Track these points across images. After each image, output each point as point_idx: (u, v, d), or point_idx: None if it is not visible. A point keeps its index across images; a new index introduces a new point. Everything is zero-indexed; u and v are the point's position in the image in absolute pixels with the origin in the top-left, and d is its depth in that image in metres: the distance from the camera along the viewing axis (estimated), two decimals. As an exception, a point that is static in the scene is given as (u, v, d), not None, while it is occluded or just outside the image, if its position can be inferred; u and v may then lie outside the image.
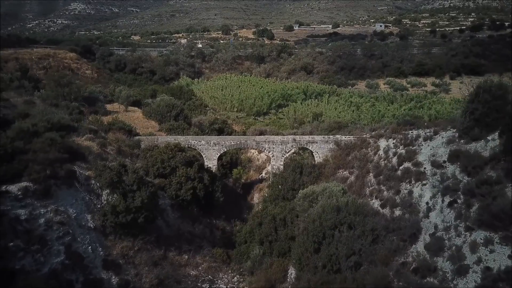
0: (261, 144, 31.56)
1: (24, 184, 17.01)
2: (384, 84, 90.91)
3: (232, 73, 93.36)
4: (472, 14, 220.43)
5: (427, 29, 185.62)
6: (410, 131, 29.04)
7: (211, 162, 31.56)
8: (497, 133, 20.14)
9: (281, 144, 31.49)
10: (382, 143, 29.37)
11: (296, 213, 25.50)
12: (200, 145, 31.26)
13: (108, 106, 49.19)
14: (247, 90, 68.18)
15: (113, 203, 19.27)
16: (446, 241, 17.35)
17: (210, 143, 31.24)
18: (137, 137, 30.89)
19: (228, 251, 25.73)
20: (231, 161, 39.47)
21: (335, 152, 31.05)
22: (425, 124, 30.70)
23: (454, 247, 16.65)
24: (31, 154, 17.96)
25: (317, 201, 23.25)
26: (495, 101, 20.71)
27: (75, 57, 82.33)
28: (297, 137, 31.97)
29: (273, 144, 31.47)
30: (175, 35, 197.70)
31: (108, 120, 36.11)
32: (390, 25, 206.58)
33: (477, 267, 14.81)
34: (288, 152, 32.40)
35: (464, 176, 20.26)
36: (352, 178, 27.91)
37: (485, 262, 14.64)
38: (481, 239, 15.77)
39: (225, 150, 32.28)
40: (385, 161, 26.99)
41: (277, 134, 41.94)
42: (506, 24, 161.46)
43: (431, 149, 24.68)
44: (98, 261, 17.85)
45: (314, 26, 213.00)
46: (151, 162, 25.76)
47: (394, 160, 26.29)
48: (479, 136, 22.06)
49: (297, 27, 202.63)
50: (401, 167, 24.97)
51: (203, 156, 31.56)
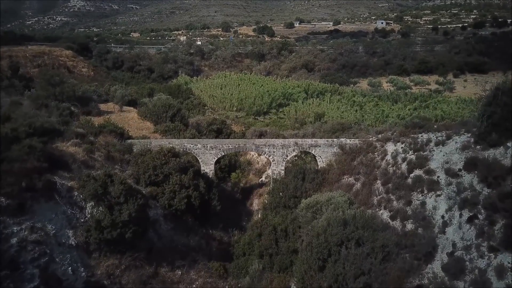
0: (261, 148, 29.76)
1: (-5, 199, 15.24)
2: (387, 83, 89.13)
3: (232, 71, 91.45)
4: (474, 11, 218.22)
5: (429, 26, 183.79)
6: (420, 135, 27.23)
7: (208, 167, 29.75)
8: (520, 140, 18.34)
9: (282, 148, 29.69)
10: (390, 148, 27.56)
11: (299, 224, 23.72)
12: (196, 149, 29.45)
13: (103, 106, 47.36)
14: (247, 89, 66.25)
15: (98, 218, 17.48)
16: (467, 263, 15.58)
17: (207, 147, 29.42)
18: (129, 141, 29.06)
19: (226, 264, 23.94)
20: (230, 164, 37.66)
21: (340, 157, 29.23)
22: (435, 127, 28.91)
23: (477, 270, 14.89)
24: (5, 164, 16.14)
25: (321, 212, 21.45)
26: (517, 105, 18.91)
27: (71, 55, 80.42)
28: (299, 141, 30.15)
29: (274, 148, 29.66)
30: (175, 32, 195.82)
31: (100, 122, 34.36)
32: (392, 22, 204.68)
33: (507, 298, 13.01)
34: (290, 156, 30.59)
35: (484, 187, 18.47)
36: (358, 186, 26.10)
37: (517, 292, 12.87)
38: (509, 263, 13.99)
39: (223, 154, 30.46)
40: (394, 168, 25.18)
41: (278, 136, 40.19)
42: (509, 21, 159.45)
43: (444, 156, 22.88)
44: (80, 283, 16.07)
45: (315, 23, 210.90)
46: (143, 169, 23.95)
47: (404, 167, 24.49)
48: (498, 142, 20.27)
49: (298, 24, 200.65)
50: (412, 175, 23.17)
51: (200, 161, 29.75)
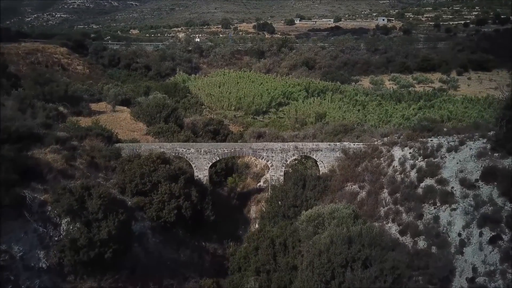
0: (259, 152, 27.79)
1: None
2: (389, 81, 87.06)
3: (231, 69, 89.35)
4: (476, 8, 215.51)
5: (431, 23, 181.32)
6: (429, 139, 25.28)
7: (202, 173, 27.81)
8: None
9: (281, 152, 27.73)
10: (397, 153, 25.60)
11: (299, 237, 21.78)
12: (189, 154, 27.50)
13: (95, 106, 45.33)
14: (246, 87, 64.23)
15: (73, 236, 15.55)
16: (492, 292, 13.68)
17: (201, 151, 27.46)
18: (118, 145, 27.10)
19: (219, 281, 22.07)
20: (226, 167, 35.68)
21: (343, 162, 27.27)
22: (445, 130, 26.95)
23: (504, 302, 12.99)
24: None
25: (324, 227, 19.53)
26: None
27: (66, 52, 78.33)
28: (299, 145, 28.19)
29: (272, 152, 27.71)
30: (174, 29, 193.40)
31: (90, 123, 32.44)
32: (393, 19, 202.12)
33: None
34: (289, 161, 28.64)
35: (506, 202, 16.55)
36: (363, 194, 24.14)
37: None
38: (543, 296, 12.07)
39: (218, 159, 28.49)
40: (402, 175, 23.23)
41: (277, 138, 38.27)
42: (511, 18, 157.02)
43: (458, 163, 20.94)
44: (50, 313, 14.19)
45: (316, 20, 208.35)
46: (129, 177, 21.99)
47: (413, 175, 22.54)
48: (519, 150, 18.31)
49: (298, 21, 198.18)
50: (422, 184, 21.25)
51: (193, 166, 27.81)
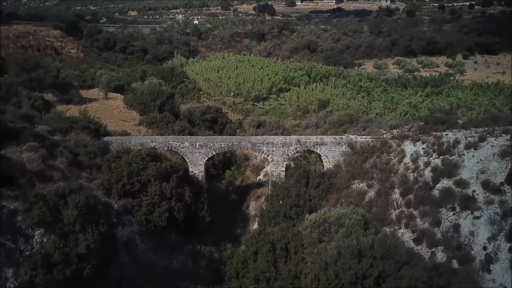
0: (258, 147, 25.73)
1: None
2: (393, 65, 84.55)
3: (230, 52, 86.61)
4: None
5: (435, 5, 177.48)
6: (444, 133, 23.17)
7: (197, 168, 25.81)
8: None
9: (283, 147, 25.67)
10: (408, 148, 23.54)
11: (302, 241, 19.90)
12: (183, 148, 25.46)
13: (87, 93, 43.14)
14: (245, 72, 61.76)
15: (46, 251, 13.62)
16: (529, 323, 11.79)
17: (195, 145, 25.42)
18: (106, 139, 25.05)
19: (215, 288, 20.28)
20: (224, 159, 33.67)
21: (349, 157, 25.22)
22: (460, 123, 24.86)
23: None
24: None
25: (330, 234, 17.61)
26: None
27: (59, 35, 75.67)
28: (302, 138, 26.10)
29: (273, 146, 25.66)
30: (173, 11, 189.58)
31: (78, 112, 30.33)
32: (396, 0, 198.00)
33: None
34: (291, 155, 26.60)
35: (539, 212, 14.59)
36: (372, 194, 22.16)
37: None
38: None
39: (214, 154, 26.43)
40: (415, 174, 21.20)
41: (278, 127, 36.17)
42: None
43: (479, 163, 18.90)
44: None
45: (317, 1, 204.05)
46: (116, 177, 19.99)
47: (427, 174, 20.51)
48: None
49: (300, 2, 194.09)
50: (439, 186, 19.24)
51: (187, 161, 25.80)
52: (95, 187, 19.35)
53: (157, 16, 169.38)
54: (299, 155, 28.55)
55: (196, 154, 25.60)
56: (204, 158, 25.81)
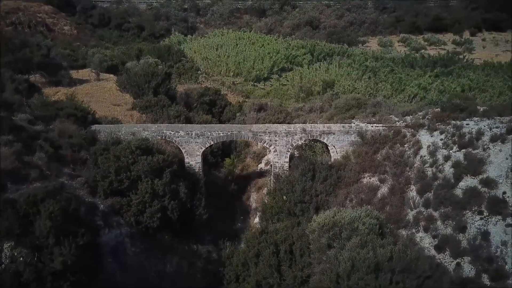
0: (260, 136, 23.65)
1: None
2: (399, 42, 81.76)
3: (230, 28, 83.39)
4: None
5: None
6: (465, 122, 21.09)
7: (193, 159, 23.81)
8: None
9: (287, 136, 23.60)
10: (424, 138, 21.49)
11: (308, 243, 18.06)
12: (178, 137, 23.38)
13: (78, 74, 40.73)
14: (246, 50, 59.07)
15: (16, 268, 11.72)
16: None
17: (191, 135, 23.33)
18: (94, 127, 22.98)
19: (213, 293, 18.54)
20: (223, 146, 31.63)
21: (359, 148, 23.17)
22: (481, 110, 22.74)
23: None
24: None
25: (341, 239, 15.71)
26: None
27: (51, 11, 72.27)
28: (308, 127, 23.98)
29: (276, 136, 23.58)
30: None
31: (65, 97, 28.20)
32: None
33: None
34: (296, 145, 24.56)
35: None
36: (385, 190, 20.20)
37: None
38: None
39: (212, 144, 24.36)
40: (433, 169, 19.18)
41: (280, 112, 33.95)
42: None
43: (508, 159, 16.87)
44: None
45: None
46: (102, 173, 17.98)
47: (448, 170, 18.50)
48: None
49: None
50: (462, 184, 17.25)
51: (183, 151, 23.78)
52: (79, 186, 17.36)
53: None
54: (304, 144, 26.48)
55: (192, 144, 23.55)
56: (201, 148, 23.78)
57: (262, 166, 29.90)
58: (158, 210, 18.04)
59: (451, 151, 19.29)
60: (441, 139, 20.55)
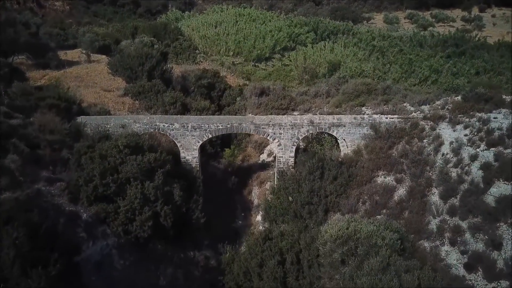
0: (263, 129, 21.47)
1: None
2: (405, 19, 78.64)
3: (229, 4, 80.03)
4: None
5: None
6: (492, 115, 18.94)
7: (190, 153, 21.72)
8: None
9: (292, 129, 21.43)
10: (446, 132, 19.35)
11: (317, 252, 16.14)
12: (173, 130, 21.22)
13: (67, 55, 38.16)
14: (246, 27, 56.19)
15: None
16: None
17: (187, 127, 21.16)
18: (80, 119, 20.80)
19: (212, 307, 16.73)
20: (223, 136, 29.40)
21: (372, 142, 21.01)
22: (508, 101, 20.52)
23: None
24: None
25: (356, 255, 13.74)
26: None
27: (42, -14, 69.07)
28: (316, 118, 21.74)
29: (280, 128, 21.41)
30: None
31: (50, 83, 26.00)
32: None
33: None
34: (302, 138, 22.40)
35: None
36: (402, 192, 18.15)
37: None
38: None
39: (210, 137, 22.17)
40: (458, 170, 17.10)
41: (284, 97, 31.69)
42: None
43: (548, 162, 14.74)
44: None
45: None
46: (84, 177, 15.89)
47: (476, 172, 16.43)
48: None
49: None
50: (493, 190, 15.20)
51: (178, 145, 21.66)
52: (58, 192, 15.29)
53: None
54: (311, 136, 24.32)
55: (189, 138, 21.40)
56: (198, 142, 21.63)
57: (265, 157, 27.84)
58: (150, 218, 16.03)
59: (478, 150, 17.21)
60: (466, 135, 18.44)
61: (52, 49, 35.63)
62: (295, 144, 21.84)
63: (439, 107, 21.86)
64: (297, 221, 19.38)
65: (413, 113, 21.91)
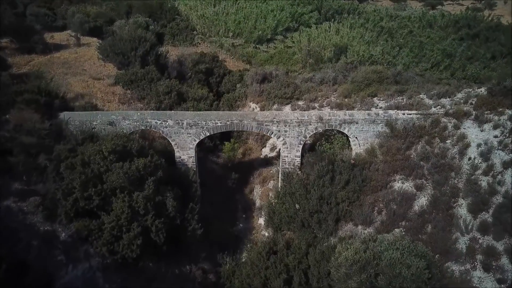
0: (266, 126, 19.32)
1: None
2: (413, -3, 75.45)
3: (229, -19, 76.74)
4: None
5: None
6: (524, 113, 16.75)
7: (186, 153, 19.64)
8: None
9: (299, 126, 19.28)
10: (472, 132, 17.23)
11: (327, 268, 14.28)
12: (166, 127, 19.08)
13: (55, 38, 35.62)
14: (246, 7, 53.37)
15: None
16: None
17: (182, 124, 19.01)
18: (63, 115, 18.63)
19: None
20: (222, 127, 27.31)
21: (387, 141, 18.87)
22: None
23: None
24: None
25: (376, 286, 11.85)
26: None
27: (32, -39, 65.65)
28: (325, 115, 19.54)
29: (286, 125, 19.25)
30: None
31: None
32: None
33: None
34: (309, 136, 20.26)
35: None
36: (424, 202, 16.14)
37: None
38: None
39: (208, 135, 20.01)
40: (489, 178, 15.07)
41: (288, 85, 29.34)
42: None
43: None
44: None
45: None
46: (63, 189, 13.84)
47: (510, 181, 14.40)
48: None
49: None
50: (534, 206, 13.17)
51: (172, 144, 19.57)
52: (32, 209, 13.27)
53: None
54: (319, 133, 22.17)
55: (184, 136, 19.28)
56: (194, 141, 19.52)
57: (267, 152, 25.79)
58: (138, 235, 14.06)
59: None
60: (496, 136, 16.34)
61: (38, 32, 33.08)
62: (302, 143, 19.72)
63: (462, 101, 19.70)
64: (305, 231, 17.52)
65: (433, 108, 19.76)
